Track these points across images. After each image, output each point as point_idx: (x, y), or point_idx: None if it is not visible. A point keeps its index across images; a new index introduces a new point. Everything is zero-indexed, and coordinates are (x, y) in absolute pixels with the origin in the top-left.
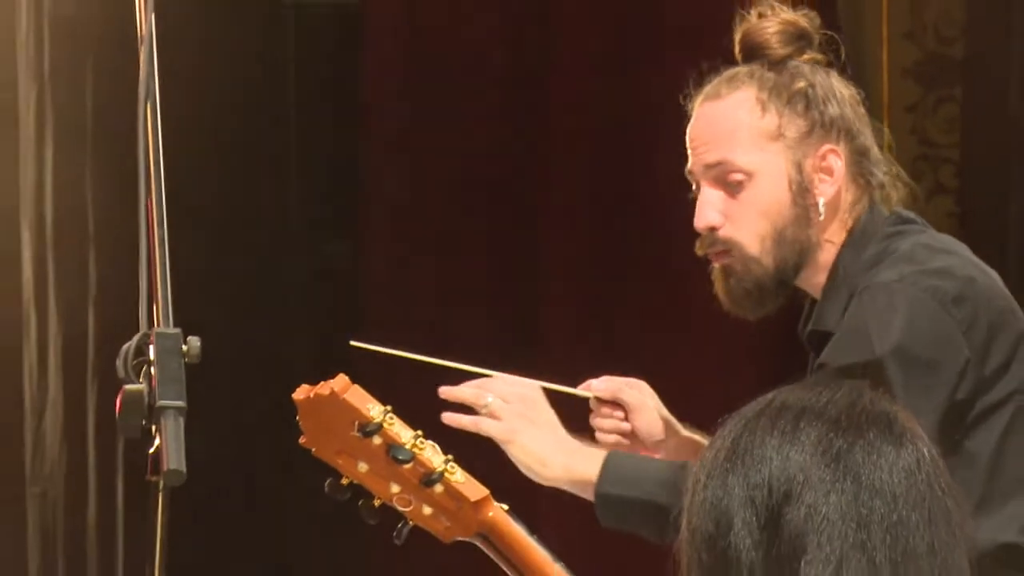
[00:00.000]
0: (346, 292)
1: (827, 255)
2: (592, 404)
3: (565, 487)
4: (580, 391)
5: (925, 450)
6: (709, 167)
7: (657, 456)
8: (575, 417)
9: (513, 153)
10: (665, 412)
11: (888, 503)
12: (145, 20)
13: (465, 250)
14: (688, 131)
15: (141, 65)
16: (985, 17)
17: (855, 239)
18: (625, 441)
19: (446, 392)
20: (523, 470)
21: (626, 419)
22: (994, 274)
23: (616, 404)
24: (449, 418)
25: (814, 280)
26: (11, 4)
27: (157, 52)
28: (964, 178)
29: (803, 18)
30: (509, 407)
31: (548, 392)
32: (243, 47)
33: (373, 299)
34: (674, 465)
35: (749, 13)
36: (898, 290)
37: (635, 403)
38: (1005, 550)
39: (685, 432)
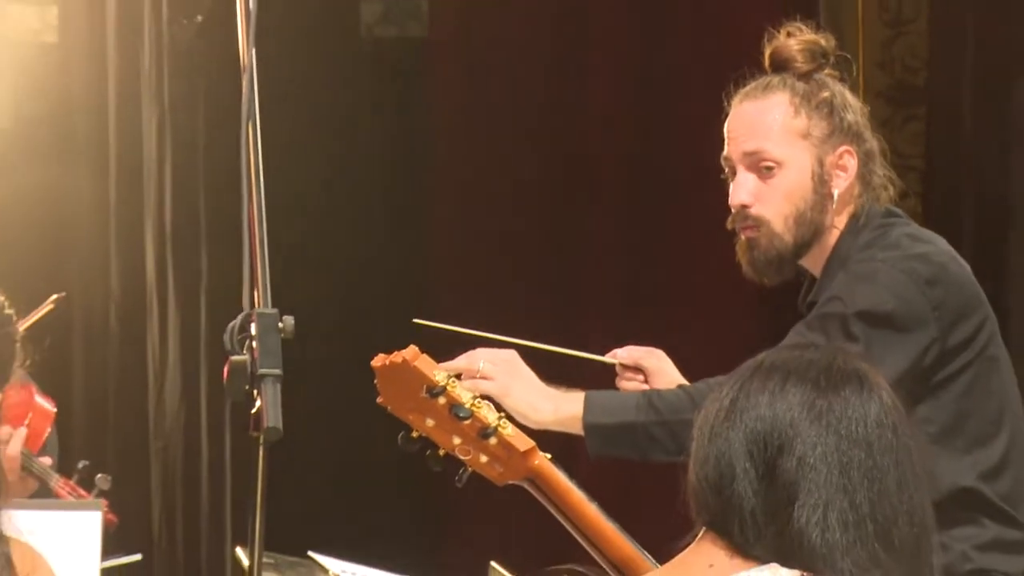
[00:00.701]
0: (415, 276)
1: (831, 238)
2: (617, 369)
3: (555, 427)
4: (607, 358)
5: (890, 402)
6: (747, 154)
7: None
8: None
9: (556, 161)
10: (679, 376)
11: (864, 451)
12: (247, 53)
13: (519, 243)
14: (728, 123)
15: (244, 90)
16: (942, 53)
17: (854, 227)
18: None
19: (445, 366)
20: (519, 418)
21: (646, 381)
22: (965, 264)
23: (637, 369)
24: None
25: (818, 259)
26: (135, 42)
27: (257, 79)
28: (927, 184)
29: (823, 38)
30: (497, 368)
31: (579, 359)
32: (330, 73)
33: (438, 282)
34: (644, 391)
35: (778, 32)
36: (880, 268)
37: (654, 368)
38: (964, 493)
39: None
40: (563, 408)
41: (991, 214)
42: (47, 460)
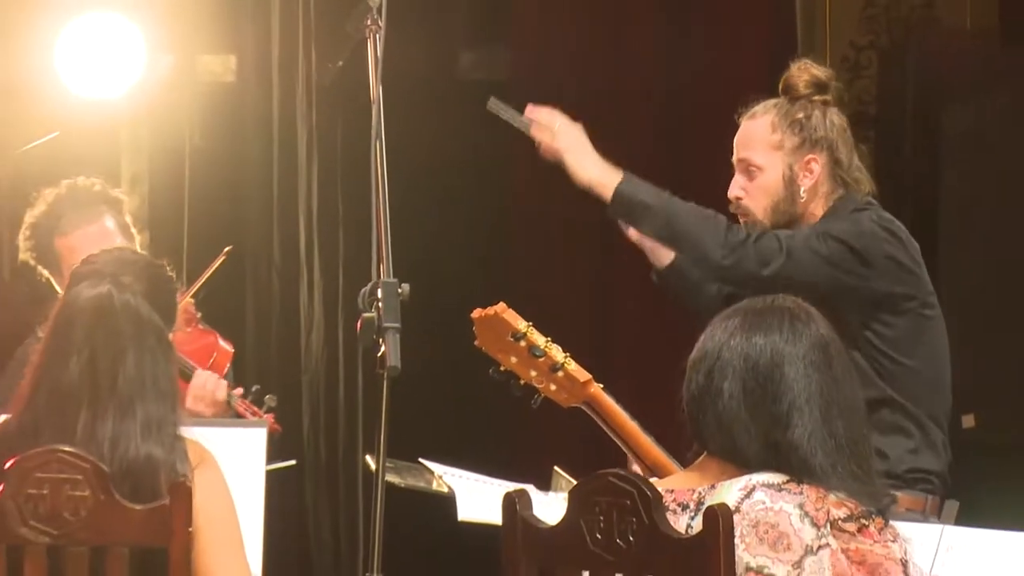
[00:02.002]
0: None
1: (811, 221)
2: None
3: (594, 184)
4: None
5: (825, 332)
6: (740, 161)
7: None
8: None
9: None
10: None
11: (826, 371)
12: (375, 88)
13: (578, 248)
14: (736, 136)
15: (373, 116)
16: (887, 92)
17: (831, 212)
18: None
19: (531, 111)
20: (575, 168)
21: None
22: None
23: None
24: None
25: None
26: (292, 80)
27: (383, 108)
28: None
29: (824, 73)
30: (567, 131)
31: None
32: (431, 106)
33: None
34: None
35: (794, 64)
36: (857, 218)
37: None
38: (895, 408)
39: None
40: (607, 173)
41: (924, 216)
42: (238, 391)
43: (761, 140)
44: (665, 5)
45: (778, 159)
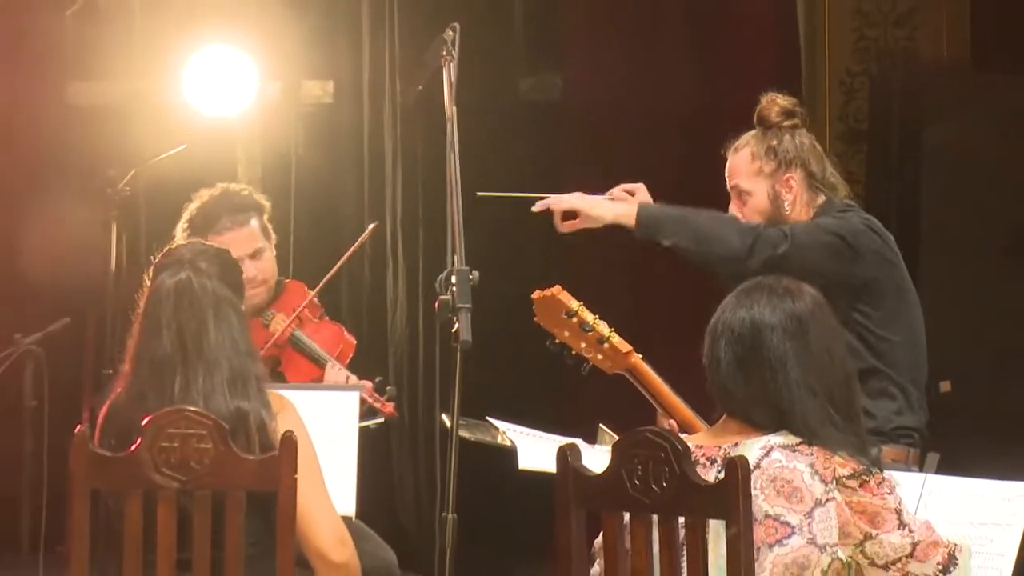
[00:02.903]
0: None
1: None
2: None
3: (618, 217)
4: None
5: (802, 306)
6: (732, 188)
7: None
8: None
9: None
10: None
11: (801, 338)
12: (449, 107)
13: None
14: (726, 168)
15: (448, 130)
16: (878, 111)
17: (818, 215)
18: None
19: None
20: (595, 211)
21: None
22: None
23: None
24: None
25: None
26: (380, 101)
27: (456, 124)
28: (867, 194)
29: (789, 102)
30: (576, 196)
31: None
32: (496, 123)
33: (569, 262)
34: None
35: (763, 98)
36: (846, 217)
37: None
38: (881, 376)
39: None
40: (626, 208)
41: (908, 215)
42: (368, 384)
43: (745, 170)
44: (691, 37)
45: (762, 183)
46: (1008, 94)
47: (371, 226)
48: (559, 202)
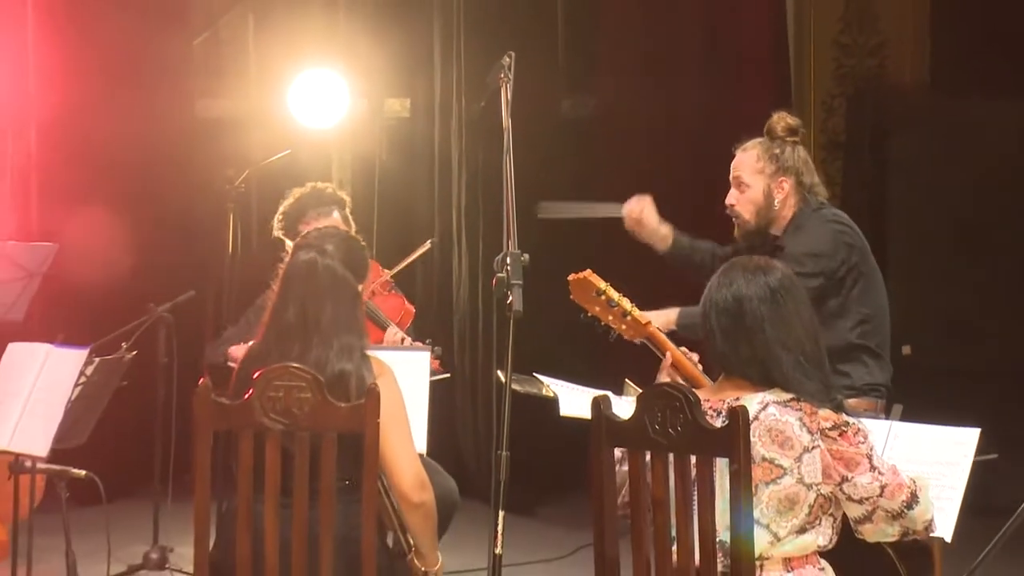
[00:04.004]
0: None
1: (785, 220)
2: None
3: (657, 241)
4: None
5: (773, 280)
6: (734, 179)
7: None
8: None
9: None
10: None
11: (775, 307)
12: (506, 120)
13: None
14: (733, 161)
15: (504, 139)
16: (853, 127)
17: (798, 213)
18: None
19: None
20: (646, 228)
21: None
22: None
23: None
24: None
25: (779, 229)
26: (448, 116)
27: (512, 134)
28: (843, 194)
29: (795, 122)
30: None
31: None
32: (539, 134)
33: (599, 250)
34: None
35: (775, 114)
36: (820, 221)
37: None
38: (853, 345)
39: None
40: (667, 232)
41: (877, 211)
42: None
43: (749, 166)
44: (702, 66)
45: (760, 180)
46: (959, 112)
47: (428, 242)
48: (633, 204)
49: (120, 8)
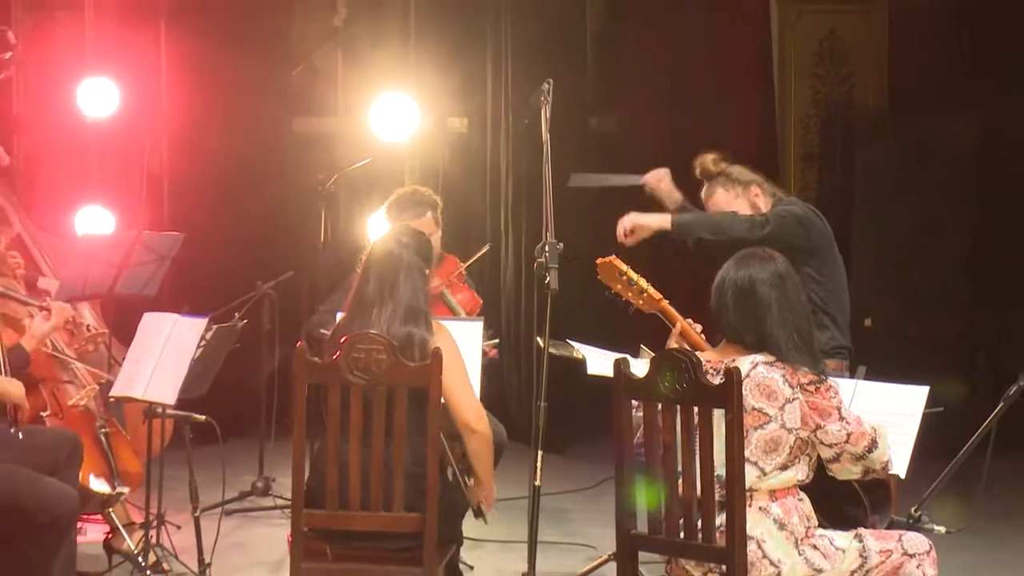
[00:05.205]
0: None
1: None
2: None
3: (661, 225)
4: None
5: (784, 267)
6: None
7: None
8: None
9: None
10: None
11: (782, 290)
12: (545, 133)
13: None
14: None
15: (544, 151)
16: (826, 139)
17: (774, 206)
18: None
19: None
20: (651, 224)
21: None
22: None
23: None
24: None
25: None
26: (499, 131)
27: (551, 146)
28: (817, 199)
29: (713, 153)
30: (631, 215)
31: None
32: (571, 147)
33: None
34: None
35: (696, 159)
36: (793, 205)
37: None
38: (821, 313)
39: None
40: (663, 218)
41: (845, 210)
42: None
43: (725, 201)
44: (705, 93)
45: (741, 201)
46: (913, 129)
47: (487, 245)
48: (621, 224)
49: (233, 44)
